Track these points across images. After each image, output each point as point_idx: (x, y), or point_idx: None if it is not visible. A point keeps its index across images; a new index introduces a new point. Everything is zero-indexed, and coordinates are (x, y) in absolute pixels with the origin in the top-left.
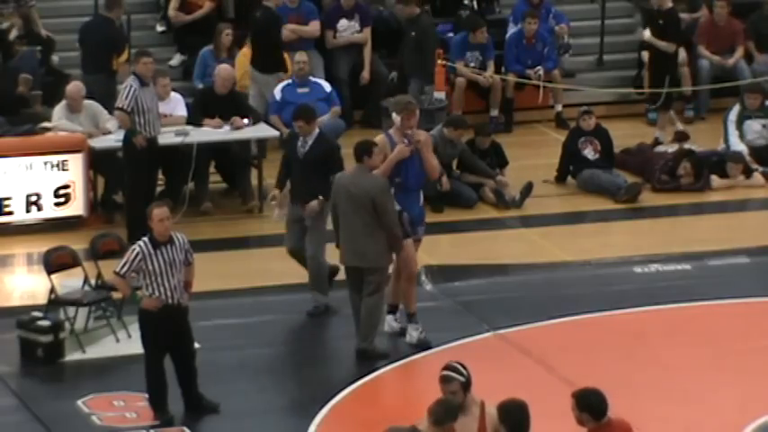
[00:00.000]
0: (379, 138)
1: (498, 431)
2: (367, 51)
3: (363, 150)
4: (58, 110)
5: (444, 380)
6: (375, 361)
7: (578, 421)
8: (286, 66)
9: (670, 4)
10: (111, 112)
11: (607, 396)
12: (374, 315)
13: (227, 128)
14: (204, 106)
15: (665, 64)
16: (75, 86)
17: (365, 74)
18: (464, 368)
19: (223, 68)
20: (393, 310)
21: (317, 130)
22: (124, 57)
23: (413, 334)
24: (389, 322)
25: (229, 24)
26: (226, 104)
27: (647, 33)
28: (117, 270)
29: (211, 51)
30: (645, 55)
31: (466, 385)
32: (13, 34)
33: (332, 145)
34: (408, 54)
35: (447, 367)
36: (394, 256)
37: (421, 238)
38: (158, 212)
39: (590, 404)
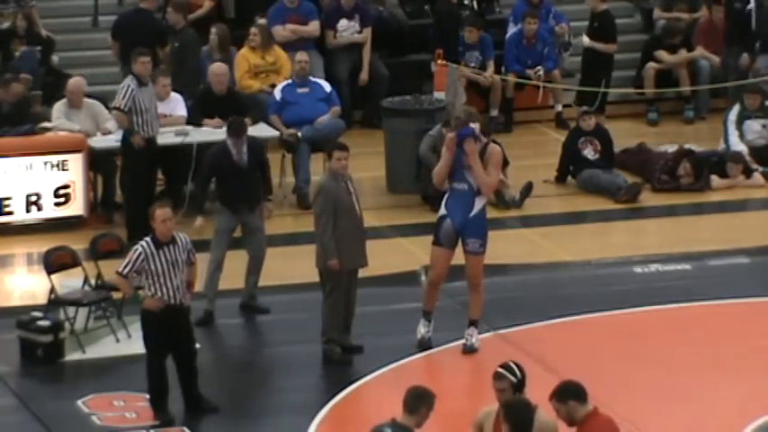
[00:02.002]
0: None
1: None
2: (366, 52)
3: (328, 153)
4: (58, 107)
5: (496, 376)
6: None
7: (567, 419)
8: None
9: (604, 7)
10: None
11: (607, 396)
12: (323, 318)
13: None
14: (203, 106)
15: (601, 67)
16: (75, 82)
17: (363, 75)
18: (520, 369)
19: (215, 66)
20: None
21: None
22: (168, 48)
23: (420, 330)
24: (419, 327)
25: (223, 25)
26: (225, 104)
27: (585, 39)
28: (119, 270)
29: (207, 52)
30: (661, 54)
31: (517, 386)
32: (21, 27)
33: (261, 143)
34: (171, 67)
35: (502, 365)
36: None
37: (474, 251)
38: (161, 213)
39: (570, 392)
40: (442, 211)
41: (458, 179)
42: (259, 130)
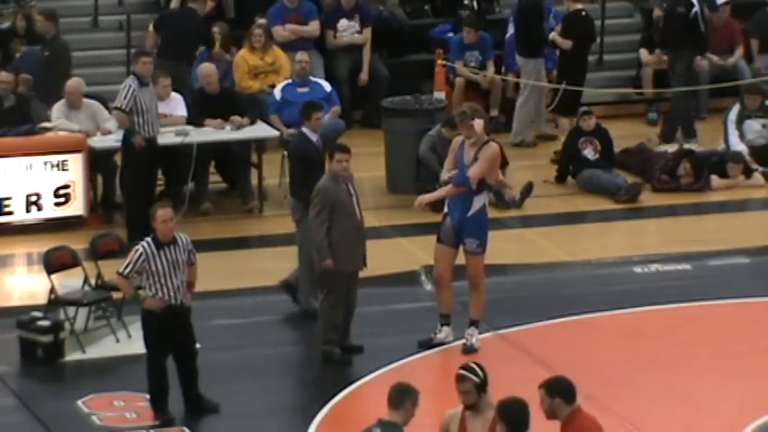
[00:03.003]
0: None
1: None
2: (366, 52)
3: (329, 154)
4: (58, 107)
5: (459, 378)
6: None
7: (549, 413)
8: (544, 51)
9: (579, 6)
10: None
11: (607, 396)
12: (321, 319)
13: (228, 128)
14: (201, 107)
15: (571, 68)
16: (74, 82)
17: (363, 75)
18: (481, 369)
19: (202, 67)
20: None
21: None
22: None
23: (437, 334)
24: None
25: (224, 24)
26: (221, 104)
27: (552, 33)
28: (120, 270)
29: (207, 52)
30: (643, 53)
31: (480, 386)
32: (21, 27)
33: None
34: (40, 76)
35: (463, 366)
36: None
37: (471, 251)
38: (162, 213)
39: (560, 388)
40: (445, 208)
41: None
42: (258, 130)
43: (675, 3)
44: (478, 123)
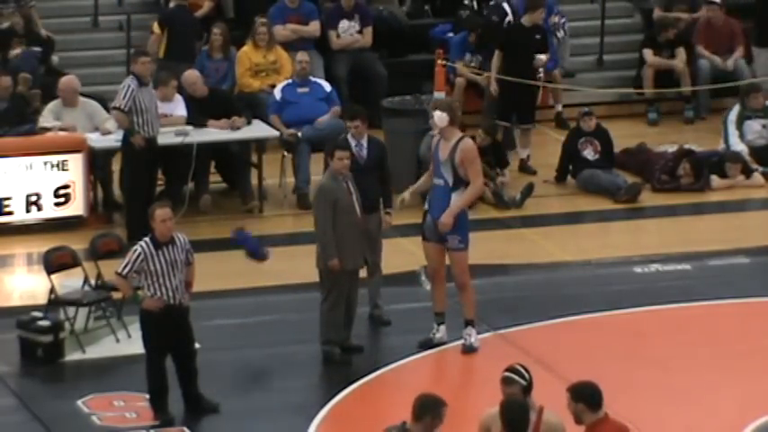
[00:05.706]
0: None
1: None
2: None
3: (327, 152)
4: (51, 106)
5: (506, 381)
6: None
7: (575, 417)
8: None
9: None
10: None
11: (607, 396)
12: (321, 319)
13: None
14: (197, 108)
15: (510, 87)
16: (67, 80)
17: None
18: (527, 371)
19: (186, 75)
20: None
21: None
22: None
23: (435, 334)
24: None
25: (224, 24)
26: (211, 106)
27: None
28: (119, 270)
29: (207, 52)
30: (647, 53)
31: (527, 389)
32: (18, 26)
33: (384, 146)
34: (39, 76)
35: (509, 369)
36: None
37: (453, 248)
38: (161, 213)
39: (585, 394)
40: (425, 206)
41: (436, 175)
42: (259, 130)
43: (492, 11)
44: (438, 116)
